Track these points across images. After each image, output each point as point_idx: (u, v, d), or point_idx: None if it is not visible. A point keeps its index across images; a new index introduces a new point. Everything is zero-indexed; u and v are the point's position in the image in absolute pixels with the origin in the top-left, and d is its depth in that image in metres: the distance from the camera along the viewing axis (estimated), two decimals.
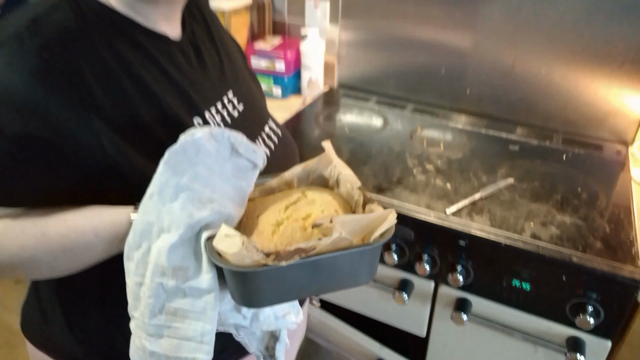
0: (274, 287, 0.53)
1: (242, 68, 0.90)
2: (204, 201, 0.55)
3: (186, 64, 0.73)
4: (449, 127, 1.40)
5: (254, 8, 1.64)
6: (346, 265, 0.55)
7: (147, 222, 0.54)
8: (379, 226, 0.54)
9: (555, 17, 1.28)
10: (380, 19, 1.49)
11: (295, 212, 0.59)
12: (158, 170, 0.55)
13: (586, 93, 1.33)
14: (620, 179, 1.18)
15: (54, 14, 0.61)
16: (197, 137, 0.55)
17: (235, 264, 0.50)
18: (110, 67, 0.62)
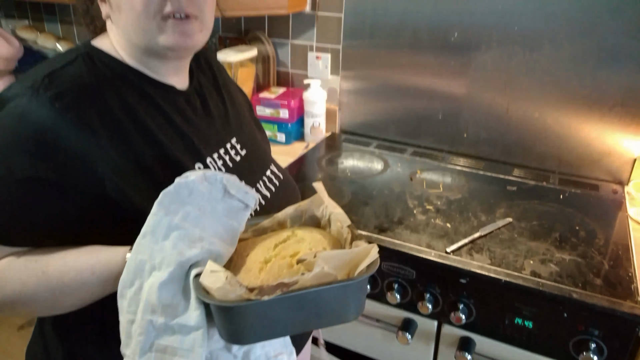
0: (259, 323, 0.54)
1: (248, 117, 0.96)
2: (194, 240, 0.57)
3: (191, 113, 0.79)
4: (448, 169, 1.44)
5: (260, 60, 1.73)
6: (331, 301, 0.55)
7: (140, 260, 0.56)
8: (363, 261, 0.55)
9: (544, 64, 1.35)
10: (379, 69, 1.56)
11: (284, 250, 0.60)
12: (152, 210, 0.57)
13: (579, 135, 1.37)
14: (617, 217, 1.20)
15: (69, 68, 0.67)
16: (191, 180, 0.58)
17: (219, 299, 0.51)
18: (117, 116, 0.67)
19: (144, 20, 0.68)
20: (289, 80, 1.77)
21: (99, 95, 0.67)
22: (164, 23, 0.69)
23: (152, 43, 0.70)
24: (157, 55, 0.73)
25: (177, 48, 0.72)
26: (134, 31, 0.70)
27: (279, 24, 1.70)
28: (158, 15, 0.68)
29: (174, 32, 0.69)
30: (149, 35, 0.69)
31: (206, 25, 0.75)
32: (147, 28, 0.68)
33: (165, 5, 0.68)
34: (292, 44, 1.71)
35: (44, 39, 2.06)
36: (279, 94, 1.66)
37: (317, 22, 1.63)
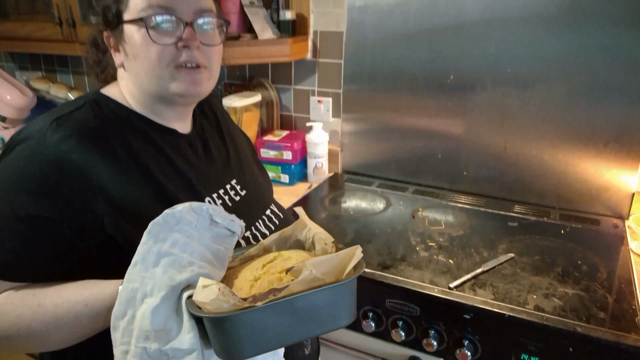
0: (254, 334, 0.54)
1: (250, 160, 1.01)
2: (184, 265, 0.59)
3: (192, 155, 0.84)
4: (449, 206, 1.46)
5: (263, 105, 1.79)
6: (323, 305, 0.56)
7: (132, 289, 0.58)
8: (349, 263, 0.57)
9: (538, 103, 1.40)
10: (378, 111, 1.62)
11: (272, 268, 0.62)
12: (142, 240, 0.60)
13: (577, 171, 1.40)
14: (619, 251, 1.21)
15: (76, 113, 0.72)
16: (178, 210, 0.62)
17: (213, 311, 0.52)
18: (120, 157, 0.71)
19: (159, 68, 0.74)
20: (292, 123, 1.83)
21: (103, 138, 0.71)
22: (177, 72, 0.75)
23: (163, 90, 0.76)
24: (165, 101, 0.79)
25: (187, 95, 0.77)
26: (147, 78, 0.75)
27: (282, 71, 1.77)
28: (172, 64, 0.74)
29: (185, 81, 0.75)
30: (161, 83, 0.75)
31: (213, 74, 0.81)
32: (160, 76, 0.74)
33: (179, 56, 0.74)
34: (294, 89, 1.77)
35: (57, 89, 2.15)
36: (283, 136, 1.71)
37: (318, 69, 1.70)
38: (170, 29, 0.74)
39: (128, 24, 0.74)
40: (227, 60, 1.50)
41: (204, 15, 0.76)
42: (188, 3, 0.75)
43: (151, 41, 0.72)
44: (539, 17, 1.34)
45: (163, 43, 0.73)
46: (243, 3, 1.56)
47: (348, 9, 1.56)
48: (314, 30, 1.66)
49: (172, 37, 0.74)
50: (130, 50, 0.75)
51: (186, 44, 0.74)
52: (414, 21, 1.48)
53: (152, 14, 0.72)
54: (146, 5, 0.73)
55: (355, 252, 0.58)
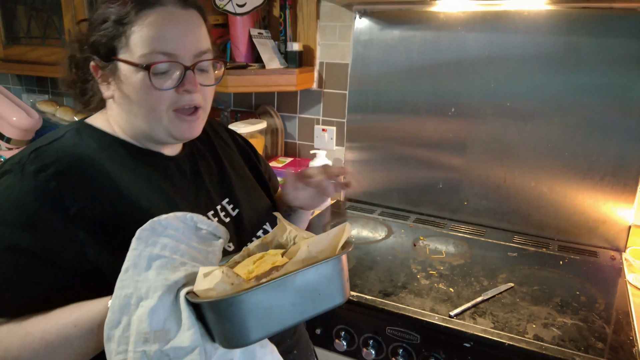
0: (259, 316, 0.54)
1: (246, 175, 0.98)
2: (176, 265, 0.59)
3: (180, 177, 0.82)
4: (450, 235, 1.49)
5: (269, 132, 1.83)
6: (320, 282, 0.58)
7: (125, 295, 0.57)
8: (338, 241, 0.61)
9: (537, 136, 1.44)
10: (381, 141, 1.66)
11: (263, 262, 0.63)
12: (131, 247, 0.60)
13: (574, 204, 1.43)
14: (616, 283, 1.23)
15: (55, 143, 0.72)
16: (163, 217, 0.63)
17: (219, 295, 0.52)
18: (100, 185, 0.70)
19: (158, 113, 0.73)
20: (296, 151, 1.87)
21: (82, 166, 0.70)
22: (176, 117, 0.74)
23: (159, 132, 0.75)
24: (159, 140, 0.78)
25: (183, 139, 0.78)
26: (144, 120, 0.75)
27: (287, 100, 1.82)
28: (171, 108, 0.74)
29: (183, 127, 0.75)
30: (158, 126, 0.75)
31: (207, 112, 0.81)
32: (158, 119, 0.74)
33: (179, 100, 0.74)
34: (299, 118, 1.82)
35: (62, 112, 2.19)
36: (286, 163, 1.75)
37: (323, 98, 1.75)
38: (171, 73, 0.73)
39: (125, 64, 0.72)
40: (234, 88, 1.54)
41: (203, 57, 0.75)
42: (190, 46, 0.74)
43: (152, 87, 0.71)
44: (537, 56, 1.40)
45: (164, 88, 0.72)
46: (252, 34, 1.62)
47: (354, 42, 1.62)
48: (320, 61, 1.71)
49: (173, 82, 0.73)
50: (126, 90, 0.73)
51: (187, 89, 0.73)
52: (417, 56, 1.54)
53: (155, 61, 0.71)
54: (148, 50, 0.71)
55: (345, 229, 0.61)
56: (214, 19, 1.66)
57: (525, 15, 1.39)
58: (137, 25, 0.71)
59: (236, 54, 1.64)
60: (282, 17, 1.66)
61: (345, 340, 1.13)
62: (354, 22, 1.61)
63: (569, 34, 1.35)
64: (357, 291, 1.13)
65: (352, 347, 1.14)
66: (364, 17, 1.59)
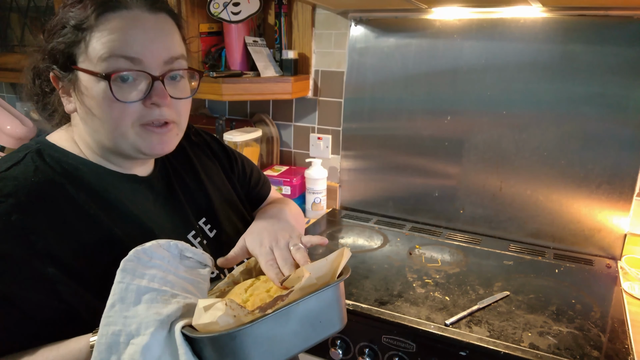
0: (263, 348, 0.52)
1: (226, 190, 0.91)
2: (167, 298, 0.55)
3: (153, 200, 0.76)
4: (446, 244, 1.48)
5: (264, 140, 1.83)
6: (322, 309, 0.58)
7: (113, 333, 0.52)
8: (338, 266, 0.60)
9: (533, 145, 1.44)
10: (377, 149, 1.66)
11: (256, 290, 0.62)
12: (116, 279, 0.55)
13: (570, 212, 1.43)
14: (612, 291, 1.23)
15: (14, 169, 0.64)
16: (147, 246, 0.59)
17: (222, 329, 0.50)
18: (66, 215, 0.63)
19: (124, 127, 0.66)
20: (292, 159, 1.86)
21: (45, 195, 0.63)
22: (143, 131, 0.67)
23: (126, 148, 0.68)
24: (127, 156, 0.71)
25: (153, 155, 0.71)
26: (108, 137, 0.67)
27: (283, 108, 1.82)
28: (137, 122, 0.66)
29: (153, 141, 0.68)
30: (125, 142, 0.67)
31: (182, 128, 0.73)
32: (124, 135, 0.67)
33: (146, 114, 0.66)
34: (295, 126, 1.82)
35: None
36: (282, 171, 1.75)
37: (318, 106, 1.75)
38: (136, 83, 0.65)
39: (85, 73, 0.65)
40: (229, 96, 1.51)
41: (175, 64, 0.68)
42: (159, 52, 0.66)
43: (114, 99, 0.64)
44: (533, 64, 1.40)
45: (129, 101, 0.65)
46: (247, 42, 1.62)
47: (349, 50, 1.62)
48: (315, 69, 1.72)
49: (139, 93, 0.65)
50: (87, 102, 0.66)
51: (155, 103, 0.66)
52: (413, 64, 1.54)
53: (116, 68, 0.63)
54: (108, 54, 0.63)
55: (344, 253, 0.61)
56: (209, 26, 1.66)
57: (522, 23, 1.40)
58: (98, 31, 0.64)
59: (231, 62, 1.64)
60: (277, 24, 1.67)
61: (341, 349, 1.12)
62: (350, 29, 1.61)
63: (564, 42, 1.36)
64: (353, 300, 1.12)
65: (347, 355, 1.12)
66: (359, 25, 1.60)
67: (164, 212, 0.77)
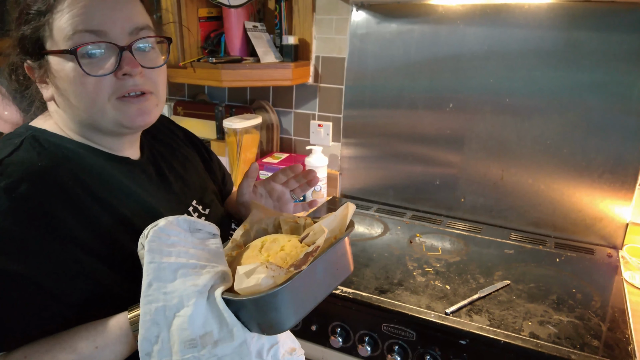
0: (298, 300, 0.59)
1: (206, 177, 0.95)
2: (197, 270, 0.59)
3: (148, 182, 0.78)
4: (447, 232, 1.48)
5: (264, 128, 1.81)
6: (338, 258, 0.66)
7: (156, 309, 0.57)
8: (345, 220, 0.67)
9: (535, 133, 1.43)
10: (378, 137, 1.64)
11: (270, 250, 0.66)
12: (146, 260, 0.58)
13: (572, 201, 1.42)
14: (612, 281, 1.22)
15: (18, 154, 0.64)
16: (161, 225, 0.62)
17: (267, 289, 0.55)
18: (78, 196, 0.65)
19: (100, 103, 0.66)
20: (292, 146, 1.85)
21: (56, 178, 0.64)
22: (121, 103, 0.68)
23: (107, 123, 0.69)
24: (110, 133, 0.72)
25: (135, 127, 0.71)
26: (87, 114, 0.68)
27: (283, 94, 1.80)
28: (113, 96, 0.67)
29: (132, 112, 0.68)
30: (105, 117, 0.68)
31: (161, 99, 0.74)
32: (102, 109, 0.67)
33: (121, 86, 0.67)
34: (295, 113, 1.80)
35: None
36: (282, 159, 1.73)
37: (319, 93, 1.73)
38: (105, 56, 0.65)
39: (54, 55, 0.65)
40: (228, 83, 1.51)
41: (141, 34, 0.68)
42: (121, 22, 0.66)
43: (85, 74, 0.64)
44: (537, 51, 1.38)
45: (100, 75, 0.65)
46: (246, 27, 1.60)
47: (350, 36, 1.60)
48: (316, 55, 1.70)
49: (110, 66, 0.65)
50: (61, 85, 0.67)
51: (127, 72, 0.66)
52: (415, 50, 1.52)
53: (82, 43, 0.63)
54: (72, 31, 0.63)
55: (349, 207, 0.67)
56: (208, 11, 1.64)
57: (526, 8, 1.37)
58: (58, 11, 0.64)
59: (230, 48, 1.62)
60: (278, 9, 1.64)
61: (340, 336, 1.12)
62: (351, 15, 1.59)
63: (569, 29, 1.34)
64: (353, 288, 1.12)
65: (347, 343, 1.13)
66: (360, 10, 1.57)
67: (160, 193, 0.79)
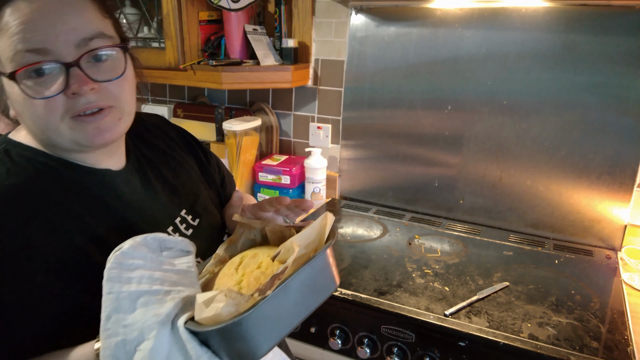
0: (268, 326, 0.53)
1: (200, 182, 0.90)
2: (161, 296, 0.54)
3: (131, 194, 0.73)
4: (445, 234, 1.48)
5: (263, 129, 1.82)
6: (316, 276, 0.58)
7: (116, 344, 0.52)
8: (324, 232, 0.60)
9: (533, 135, 1.43)
10: (377, 139, 1.65)
11: (246, 268, 0.61)
12: (104, 291, 0.54)
13: (570, 202, 1.43)
14: (611, 282, 1.23)
15: None
16: (125, 248, 0.57)
17: (228, 318, 0.50)
18: (50, 216, 0.61)
19: (53, 124, 0.61)
20: (291, 148, 1.85)
21: (27, 197, 0.60)
22: (76, 122, 0.62)
23: (67, 142, 0.64)
24: (75, 150, 0.67)
25: (95, 145, 0.65)
26: (44, 134, 0.63)
27: (282, 97, 1.81)
28: (67, 116, 0.61)
29: (88, 131, 0.63)
30: (62, 137, 0.63)
31: (126, 111, 0.67)
32: (58, 130, 0.62)
33: (73, 105, 0.61)
34: (294, 115, 1.81)
35: None
36: (281, 161, 1.74)
37: (318, 95, 1.74)
38: (52, 75, 0.59)
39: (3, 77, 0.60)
40: (228, 85, 1.49)
41: (91, 45, 0.61)
42: (65, 35, 0.59)
43: (31, 98, 0.59)
44: (534, 54, 1.39)
45: (46, 97, 0.59)
46: (246, 30, 1.61)
47: (349, 39, 1.61)
48: (315, 58, 1.70)
49: (57, 86, 0.59)
50: (15, 107, 0.63)
51: (75, 92, 0.60)
52: (414, 53, 1.53)
53: (22, 64, 0.58)
54: (12, 51, 0.58)
55: (327, 217, 0.61)
56: (208, 14, 1.64)
57: (523, 12, 1.38)
58: (0, 29, 0.58)
59: (231, 51, 1.63)
60: (277, 13, 1.65)
61: (340, 338, 1.12)
62: (350, 18, 1.59)
63: (566, 32, 1.34)
64: (352, 290, 1.12)
65: (347, 345, 1.13)
66: (360, 14, 1.58)
67: (144, 205, 0.75)
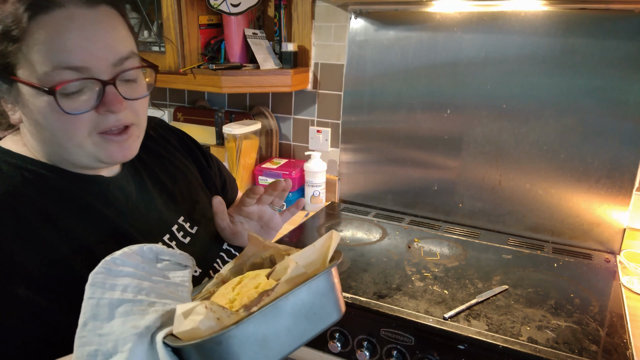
0: (252, 351, 0.48)
1: (200, 187, 0.88)
2: (144, 308, 0.51)
3: (125, 201, 0.71)
4: (445, 237, 1.48)
5: (263, 133, 1.82)
6: (315, 300, 0.53)
7: (88, 354, 0.48)
8: (328, 252, 0.55)
9: (532, 139, 1.44)
10: (376, 142, 1.65)
11: (244, 287, 0.56)
12: (85, 295, 0.50)
13: (569, 206, 1.43)
14: (610, 286, 1.23)
15: None
16: (117, 255, 0.54)
17: (207, 333, 0.45)
18: (34, 228, 0.59)
19: (79, 138, 0.61)
20: (291, 152, 1.86)
21: (7, 208, 0.58)
22: (102, 139, 0.63)
23: (84, 158, 0.64)
24: (84, 166, 0.66)
25: (116, 162, 0.66)
26: (61, 150, 0.63)
27: (282, 101, 1.81)
28: (94, 131, 0.62)
29: (113, 149, 0.64)
30: (83, 152, 0.63)
31: (142, 128, 0.69)
32: (81, 145, 0.62)
33: (102, 121, 0.61)
34: (294, 119, 1.81)
35: None
36: (281, 164, 1.74)
37: (318, 99, 1.74)
38: (86, 91, 0.60)
39: (26, 85, 0.59)
40: (228, 89, 1.49)
41: (125, 65, 0.63)
42: (104, 54, 0.60)
43: (62, 112, 0.58)
44: (533, 58, 1.39)
45: (79, 112, 0.59)
46: (246, 34, 1.61)
47: (349, 43, 1.61)
48: (315, 62, 1.71)
49: (90, 101, 0.60)
50: (33, 116, 0.61)
51: (110, 110, 0.61)
52: (413, 57, 1.53)
53: (61, 81, 0.57)
54: (50, 67, 0.57)
55: (332, 237, 0.56)
56: (208, 18, 1.65)
57: (522, 16, 1.39)
58: (33, 39, 0.57)
59: (230, 55, 1.63)
60: (277, 17, 1.65)
61: (339, 341, 1.12)
62: (349, 22, 1.60)
63: (565, 36, 1.35)
64: (352, 293, 1.12)
65: (346, 348, 1.13)
66: (359, 18, 1.58)
67: (138, 212, 0.72)
